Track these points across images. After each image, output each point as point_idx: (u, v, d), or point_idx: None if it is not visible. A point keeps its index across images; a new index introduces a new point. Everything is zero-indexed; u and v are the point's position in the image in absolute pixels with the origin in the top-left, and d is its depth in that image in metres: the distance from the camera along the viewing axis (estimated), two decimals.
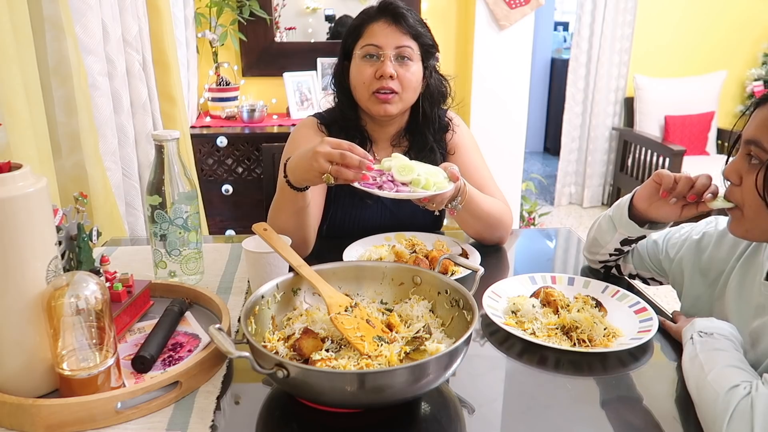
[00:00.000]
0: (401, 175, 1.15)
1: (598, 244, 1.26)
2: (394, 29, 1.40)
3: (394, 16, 1.40)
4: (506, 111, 3.38)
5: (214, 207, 2.94)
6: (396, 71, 1.39)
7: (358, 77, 1.42)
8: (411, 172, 1.16)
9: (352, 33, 1.45)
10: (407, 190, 1.14)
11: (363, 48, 1.41)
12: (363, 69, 1.40)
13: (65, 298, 0.80)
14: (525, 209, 3.68)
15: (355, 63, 1.43)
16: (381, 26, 1.40)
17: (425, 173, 1.17)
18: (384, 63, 1.38)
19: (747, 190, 0.95)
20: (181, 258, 1.19)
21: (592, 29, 4.32)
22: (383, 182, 1.15)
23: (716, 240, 1.13)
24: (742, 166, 0.97)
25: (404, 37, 1.40)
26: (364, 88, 1.41)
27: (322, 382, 0.77)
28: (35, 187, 0.80)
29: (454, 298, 0.98)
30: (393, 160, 1.20)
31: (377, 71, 1.39)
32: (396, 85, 1.40)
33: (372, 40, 1.40)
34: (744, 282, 1.05)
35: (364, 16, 1.43)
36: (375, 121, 1.49)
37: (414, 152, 1.50)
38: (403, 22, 1.40)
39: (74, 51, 1.52)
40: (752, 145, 0.94)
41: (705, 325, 0.94)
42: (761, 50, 4.44)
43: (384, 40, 1.39)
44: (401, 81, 1.40)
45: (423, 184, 1.15)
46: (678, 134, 4.26)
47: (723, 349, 0.89)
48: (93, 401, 0.80)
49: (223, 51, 3.21)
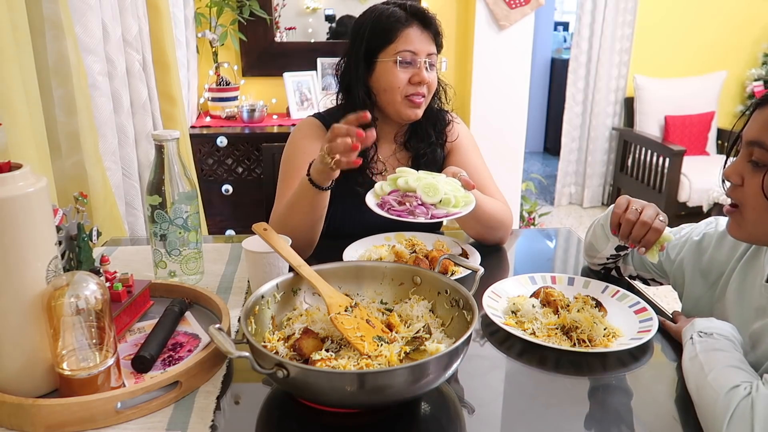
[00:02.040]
0: (429, 196, 1.16)
1: (594, 249, 1.27)
2: (426, 36, 1.42)
3: (425, 22, 1.42)
4: (506, 111, 3.38)
5: (214, 207, 2.94)
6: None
7: (392, 81, 1.41)
8: (437, 191, 1.17)
9: (379, 35, 1.42)
10: (443, 212, 1.15)
11: (398, 53, 1.40)
12: (398, 74, 1.41)
13: (65, 298, 0.80)
14: (525, 209, 3.68)
15: (387, 67, 1.42)
16: (415, 32, 1.41)
17: (451, 190, 1.18)
18: (420, 69, 1.41)
19: (750, 192, 0.95)
20: (181, 258, 1.19)
21: (592, 29, 4.32)
22: (414, 207, 1.15)
23: (716, 241, 1.13)
24: (744, 167, 0.96)
25: (432, 44, 1.44)
26: (398, 93, 1.42)
27: (322, 382, 0.77)
28: (35, 187, 0.80)
29: (454, 298, 0.98)
30: (407, 176, 1.20)
31: (414, 77, 1.41)
32: (425, 90, 1.43)
33: (408, 46, 1.40)
34: (744, 284, 1.05)
35: (393, 20, 1.41)
36: (385, 121, 1.50)
37: (414, 142, 1.51)
38: (432, 29, 1.43)
39: (74, 51, 1.52)
40: (755, 146, 0.93)
41: (705, 325, 0.94)
42: (761, 50, 4.44)
43: (419, 47, 1.41)
44: (429, 86, 1.44)
45: (453, 203, 1.17)
46: (678, 134, 4.26)
47: (723, 349, 0.88)
48: (93, 401, 0.80)
49: (223, 51, 3.21)
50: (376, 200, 1.20)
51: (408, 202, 1.16)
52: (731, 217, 1.00)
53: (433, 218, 1.14)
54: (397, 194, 1.18)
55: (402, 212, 1.14)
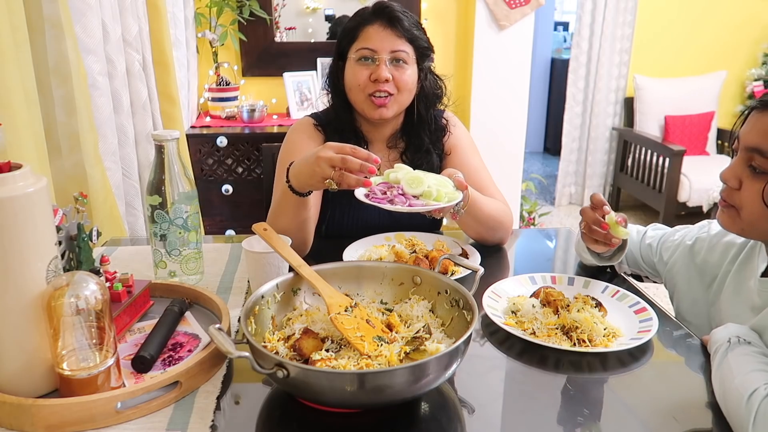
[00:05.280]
0: (411, 187, 1.14)
1: (582, 258, 1.30)
2: (390, 33, 1.40)
3: (390, 19, 1.40)
4: (506, 111, 3.38)
5: (214, 207, 2.94)
6: (391, 74, 1.39)
7: (353, 80, 1.42)
8: (421, 184, 1.15)
9: (347, 35, 1.44)
10: (420, 203, 1.13)
11: (358, 51, 1.41)
12: (358, 72, 1.40)
13: (65, 298, 0.80)
14: (525, 209, 3.68)
15: (350, 65, 1.43)
16: (376, 29, 1.40)
17: (435, 184, 1.16)
18: (379, 67, 1.39)
19: (748, 197, 0.96)
20: (181, 258, 1.19)
21: (592, 29, 4.32)
22: (394, 196, 1.14)
23: (708, 245, 1.15)
24: (742, 171, 0.97)
25: (399, 41, 1.40)
26: (359, 91, 1.41)
27: (322, 382, 0.77)
28: (35, 187, 0.80)
29: (454, 298, 0.98)
30: (399, 171, 1.19)
31: (372, 75, 1.39)
32: (391, 88, 1.40)
33: (367, 43, 1.40)
34: (740, 285, 1.06)
35: (359, 19, 1.43)
36: (370, 123, 1.49)
37: (410, 153, 1.50)
38: (399, 26, 1.40)
39: (74, 51, 1.52)
40: (755, 153, 0.94)
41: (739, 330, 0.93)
42: (761, 50, 4.44)
43: (379, 44, 1.39)
44: (397, 83, 1.41)
45: (435, 195, 1.14)
46: (678, 134, 4.26)
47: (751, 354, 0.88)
48: (93, 401, 0.80)
49: (223, 51, 3.21)
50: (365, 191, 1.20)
51: (390, 192, 1.15)
52: (726, 212, 1.01)
53: (412, 207, 1.12)
54: (384, 185, 1.18)
55: (382, 200, 1.13)
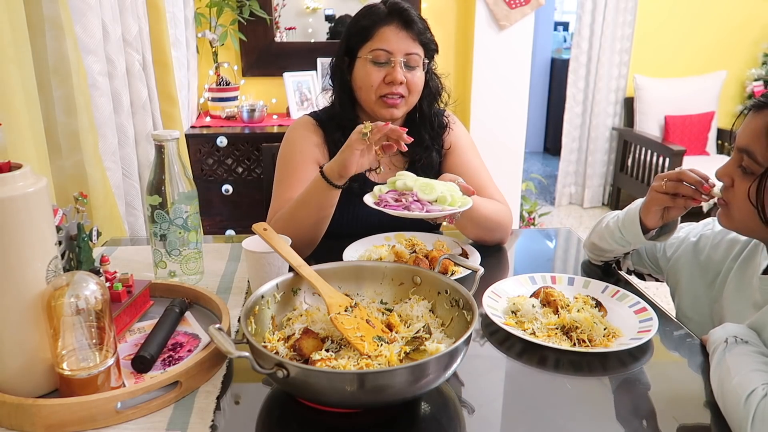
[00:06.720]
0: (425, 193, 1.16)
1: (602, 250, 1.27)
2: (405, 35, 1.39)
3: (406, 21, 1.39)
4: (506, 111, 3.38)
5: (214, 207, 2.94)
6: (405, 76, 1.39)
7: (365, 80, 1.41)
8: (434, 190, 1.17)
9: (359, 33, 1.42)
10: (438, 209, 1.15)
11: (373, 51, 1.39)
12: (372, 73, 1.39)
13: (65, 298, 0.80)
14: (525, 209, 3.68)
15: (362, 65, 1.42)
16: (392, 30, 1.39)
17: (447, 190, 1.18)
18: (395, 69, 1.38)
19: (738, 195, 0.99)
20: (181, 258, 1.19)
21: (592, 29, 4.32)
22: (410, 203, 1.15)
23: (712, 242, 1.16)
24: (734, 170, 1.00)
25: (413, 44, 1.40)
26: (372, 92, 1.41)
27: (322, 382, 0.77)
28: (35, 187, 0.80)
29: (454, 298, 0.98)
30: (405, 178, 1.20)
31: (387, 77, 1.39)
32: (404, 90, 1.41)
33: (383, 44, 1.38)
34: (742, 283, 1.06)
35: (374, 17, 1.41)
36: (373, 120, 1.49)
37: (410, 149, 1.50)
38: (414, 28, 1.40)
39: (74, 51, 1.52)
40: (744, 153, 0.97)
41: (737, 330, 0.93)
42: (761, 50, 4.44)
43: (395, 46, 1.38)
44: (409, 86, 1.41)
45: (449, 201, 1.16)
46: (678, 134, 4.26)
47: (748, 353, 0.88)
48: (93, 401, 0.80)
49: (223, 51, 3.21)
50: (374, 200, 1.20)
51: (404, 199, 1.16)
52: (722, 210, 1.04)
53: (429, 213, 1.13)
54: (394, 193, 1.18)
55: (398, 207, 1.14)
